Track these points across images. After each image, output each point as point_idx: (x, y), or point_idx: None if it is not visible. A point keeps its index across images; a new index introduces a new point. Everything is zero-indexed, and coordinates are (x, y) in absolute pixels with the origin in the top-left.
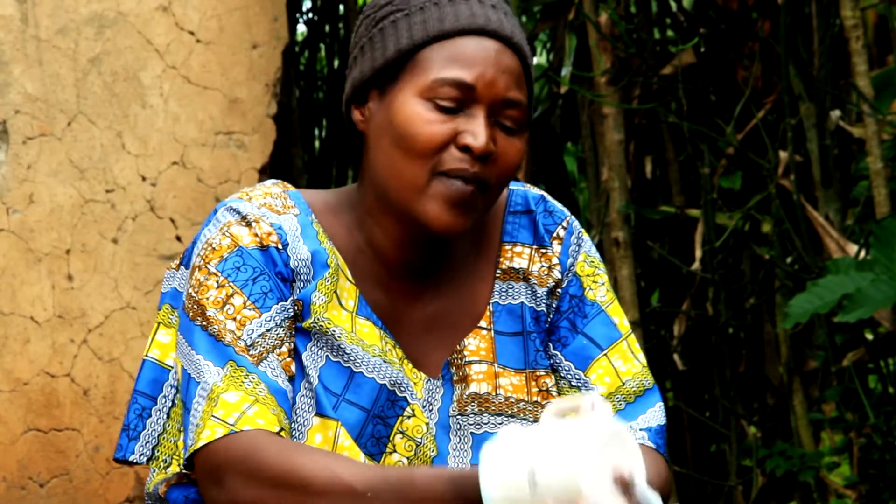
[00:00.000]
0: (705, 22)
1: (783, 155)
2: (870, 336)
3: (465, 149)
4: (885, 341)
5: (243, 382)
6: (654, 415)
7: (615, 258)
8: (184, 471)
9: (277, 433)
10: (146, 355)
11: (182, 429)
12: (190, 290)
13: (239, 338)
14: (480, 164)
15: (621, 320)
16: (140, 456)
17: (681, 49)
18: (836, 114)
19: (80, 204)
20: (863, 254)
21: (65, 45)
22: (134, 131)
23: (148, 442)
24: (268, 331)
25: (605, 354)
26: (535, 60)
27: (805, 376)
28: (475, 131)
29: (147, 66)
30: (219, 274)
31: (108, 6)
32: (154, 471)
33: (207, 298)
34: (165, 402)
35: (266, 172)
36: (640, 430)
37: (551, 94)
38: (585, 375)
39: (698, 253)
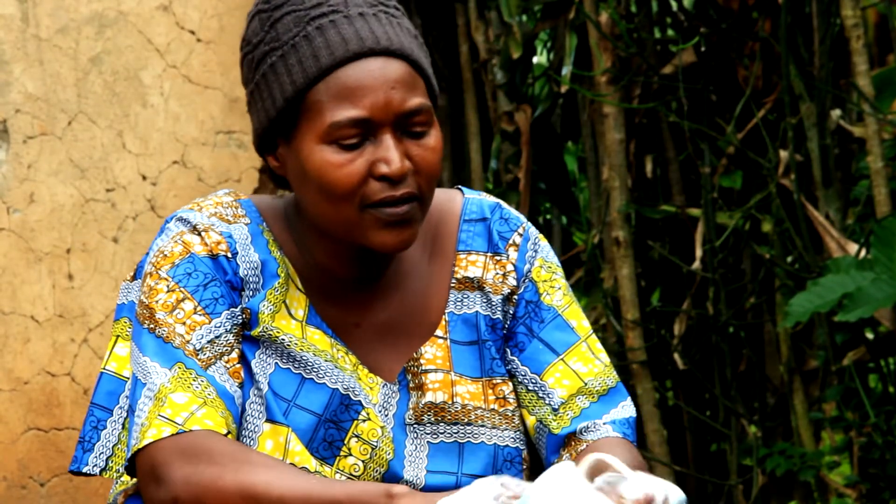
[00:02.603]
0: (706, 21)
1: (783, 154)
2: (870, 335)
3: (383, 178)
4: (886, 340)
5: (192, 384)
6: (620, 412)
7: (615, 257)
8: (127, 475)
9: (225, 436)
10: (104, 368)
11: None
12: (141, 297)
13: (188, 342)
14: (403, 185)
15: (580, 322)
16: (94, 467)
17: (681, 48)
18: (836, 113)
19: (80, 203)
20: (863, 253)
21: (65, 45)
22: (134, 131)
23: (102, 453)
24: (217, 337)
25: (562, 359)
26: (536, 60)
27: (805, 375)
28: (387, 158)
29: (148, 66)
30: (169, 279)
31: (109, 5)
32: (116, 483)
33: (157, 302)
34: (121, 412)
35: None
36: (605, 423)
37: (552, 93)
38: (542, 379)
39: (699, 252)
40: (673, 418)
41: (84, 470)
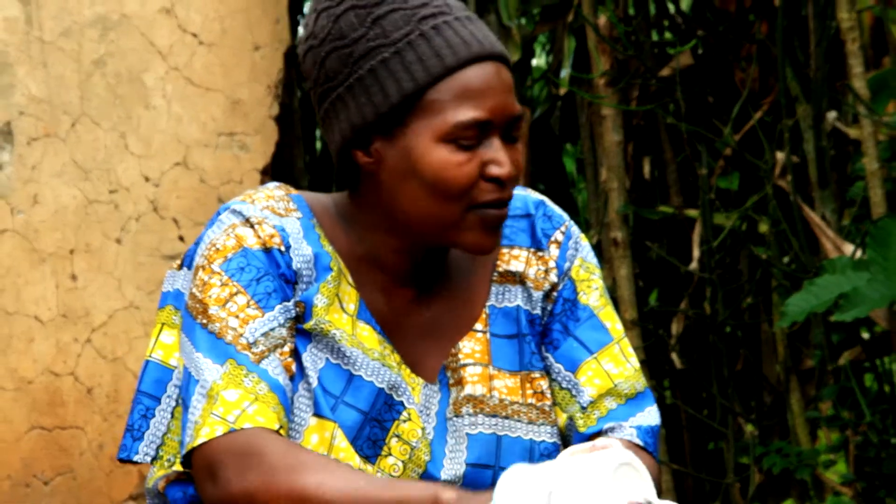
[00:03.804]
0: (703, 24)
1: (780, 156)
2: (866, 335)
3: (494, 179)
4: (881, 340)
5: (243, 381)
6: (646, 417)
7: (614, 258)
8: (185, 469)
9: (276, 431)
10: (149, 356)
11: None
12: (193, 290)
13: (241, 335)
14: (507, 188)
15: (613, 324)
16: (144, 456)
17: (679, 51)
18: (832, 115)
19: (83, 204)
20: (859, 253)
21: (69, 47)
22: (137, 132)
23: (152, 442)
24: (271, 330)
25: (595, 358)
26: (535, 62)
27: (802, 375)
28: (499, 160)
29: (150, 68)
30: (223, 273)
31: (112, 8)
32: (154, 468)
33: (210, 296)
34: (169, 401)
35: (268, 173)
36: (630, 427)
37: (550, 95)
38: (575, 378)
39: (696, 253)
40: (670, 417)
41: (134, 458)
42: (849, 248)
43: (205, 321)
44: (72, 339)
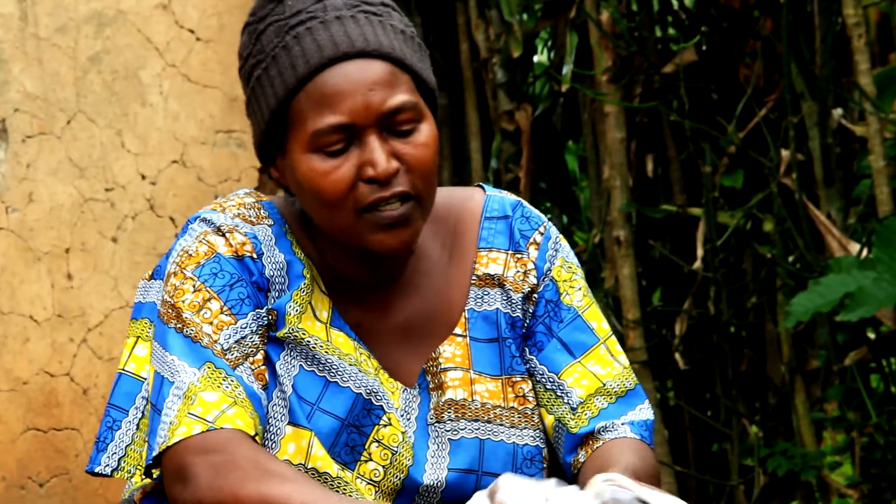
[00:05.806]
0: (707, 20)
1: (785, 153)
2: (872, 335)
3: (371, 180)
4: (888, 340)
5: (222, 384)
6: (638, 415)
7: (616, 257)
8: (145, 478)
9: (253, 437)
10: (122, 369)
11: (147, 438)
12: (165, 296)
13: (216, 341)
14: (393, 184)
15: (599, 324)
16: (105, 467)
17: (682, 47)
18: (838, 112)
19: (79, 203)
20: (865, 252)
21: (64, 44)
22: (134, 130)
23: (115, 453)
24: (243, 338)
25: (580, 361)
26: (537, 58)
27: (807, 375)
28: (372, 160)
29: (147, 65)
30: (195, 279)
31: (108, 4)
32: (130, 482)
33: (184, 302)
34: (136, 413)
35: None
36: (623, 423)
37: (552, 92)
38: (560, 379)
39: (700, 252)
40: (674, 418)
41: (97, 470)
42: (854, 247)
43: (179, 325)
44: (67, 340)
